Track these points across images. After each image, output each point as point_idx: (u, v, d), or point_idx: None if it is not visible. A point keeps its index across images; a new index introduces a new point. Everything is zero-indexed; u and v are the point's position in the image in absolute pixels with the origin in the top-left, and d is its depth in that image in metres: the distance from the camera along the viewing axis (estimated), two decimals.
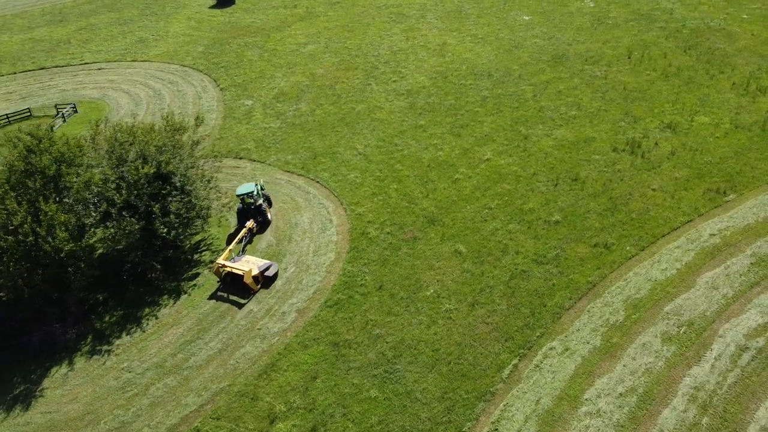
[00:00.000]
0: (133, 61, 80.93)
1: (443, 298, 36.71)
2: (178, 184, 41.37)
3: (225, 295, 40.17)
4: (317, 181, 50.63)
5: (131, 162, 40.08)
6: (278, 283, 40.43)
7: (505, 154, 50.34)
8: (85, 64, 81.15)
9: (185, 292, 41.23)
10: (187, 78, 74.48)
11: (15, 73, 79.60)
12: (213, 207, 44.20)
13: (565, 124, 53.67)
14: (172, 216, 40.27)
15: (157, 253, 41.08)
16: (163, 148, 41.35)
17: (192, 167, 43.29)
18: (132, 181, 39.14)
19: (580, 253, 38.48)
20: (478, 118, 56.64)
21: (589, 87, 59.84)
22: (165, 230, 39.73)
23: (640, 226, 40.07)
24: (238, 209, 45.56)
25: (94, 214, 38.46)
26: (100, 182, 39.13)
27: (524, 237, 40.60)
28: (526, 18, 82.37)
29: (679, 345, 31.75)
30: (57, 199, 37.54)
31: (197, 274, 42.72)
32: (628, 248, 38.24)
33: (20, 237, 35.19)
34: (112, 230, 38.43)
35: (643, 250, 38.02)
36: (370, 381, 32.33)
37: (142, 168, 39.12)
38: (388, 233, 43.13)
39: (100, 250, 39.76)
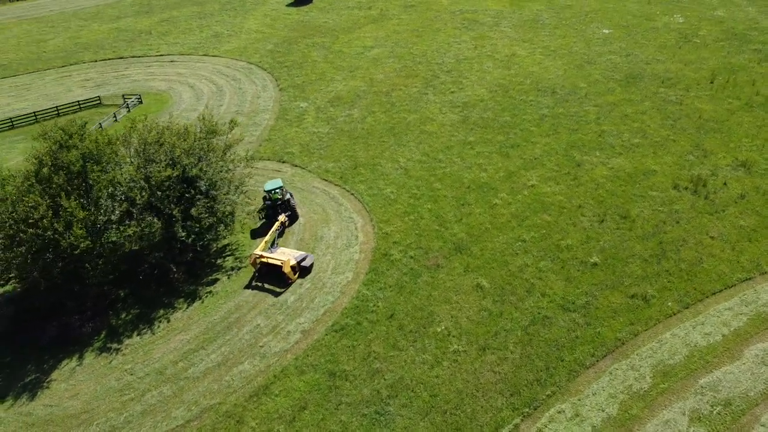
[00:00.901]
0: (204, 55, 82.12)
1: (453, 336, 33.74)
2: (203, 188, 40.57)
3: (260, 284, 40.00)
4: (352, 193, 48.65)
5: (157, 163, 39.61)
6: (290, 299, 38.81)
7: (553, 181, 46.31)
8: (160, 55, 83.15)
9: (200, 298, 40.41)
10: (250, 75, 74.55)
11: (96, 61, 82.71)
12: (238, 213, 43.17)
13: (624, 152, 48.83)
14: (192, 221, 39.50)
15: (177, 255, 40.47)
16: (191, 152, 40.60)
17: (221, 171, 42.40)
18: (155, 182, 38.65)
19: (614, 303, 34.31)
20: (532, 139, 52.69)
21: (660, 112, 54.34)
22: (184, 234, 38.99)
23: (688, 278, 35.29)
24: (265, 205, 45.19)
25: (116, 212, 38.20)
26: (125, 181, 38.89)
27: (555, 277, 36.81)
28: (606, 31, 76.72)
29: (710, 427, 27.31)
30: (79, 195, 37.54)
31: (216, 280, 41.84)
32: (669, 304, 33.69)
33: (39, 231, 35.37)
34: (132, 229, 38.04)
35: (687, 307, 33.36)
36: (358, 420, 29.99)
37: (165, 171, 38.51)
38: (411, 257, 40.50)
39: (124, 248, 39.54)
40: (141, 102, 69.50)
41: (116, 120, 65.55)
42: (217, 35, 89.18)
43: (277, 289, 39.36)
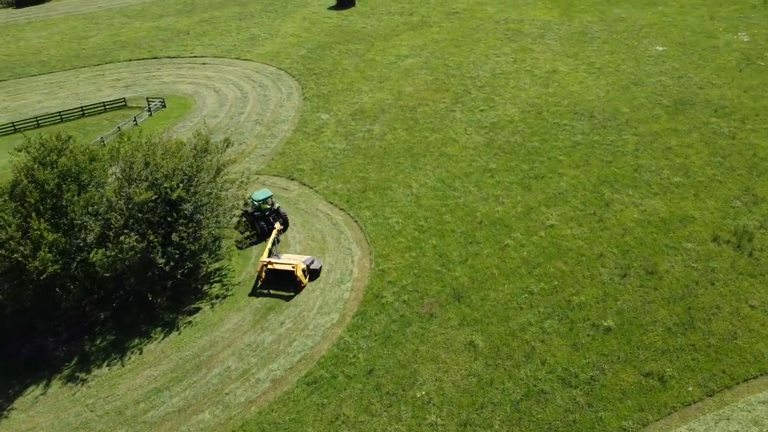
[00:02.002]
0: (236, 58, 79.95)
1: (434, 405, 29.42)
2: (188, 212, 37.58)
3: (266, 291, 38.87)
4: (356, 220, 44.80)
5: (139, 184, 36.82)
6: (267, 339, 35.36)
7: (575, 221, 41.09)
8: (194, 57, 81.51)
9: (178, 329, 37.53)
10: (277, 82, 71.72)
11: (130, 60, 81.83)
12: (227, 240, 40.04)
13: (661, 192, 43.01)
14: (173, 247, 36.59)
15: (156, 282, 37.67)
16: (176, 173, 37.61)
17: (209, 194, 39.33)
18: (134, 205, 35.88)
19: (624, 381, 29.18)
20: (559, 170, 47.41)
21: (708, 147, 48.01)
22: (163, 261, 36.09)
23: (716, 357, 29.75)
24: (252, 215, 43.65)
25: (91, 235, 35.63)
26: (103, 202, 36.29)
27: (560, 342, 31.89)
28: (660, 49, 69.91)
29: None
30: (53, 215, 35.15)
31: (198, 309, 38.88)
32: (690, 388, 28.32)
33: (5, 252, 33.15)
34: (103, 254, 35.36)
35: (711, 395, 27.93)
36: None
37: (144, 193, 35.65)
38: (404, 301, 36.32)
39: (98, 274, 36.96)
40: (164, 106, 67.72)
41: (136, 124, 63.86)
42: (253, 38, 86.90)
43: (286, 294, 38.31)
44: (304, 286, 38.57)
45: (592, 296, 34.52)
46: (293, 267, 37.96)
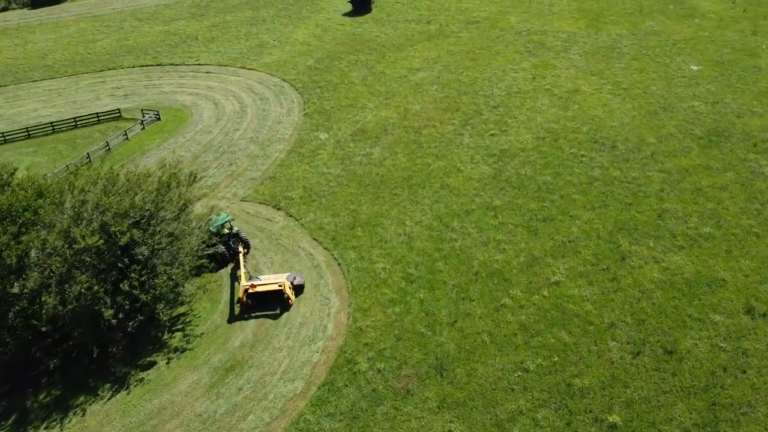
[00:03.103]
0: (241, 67, 75.64)
1: None
2: (142, 256, 33.11)
3: (247, 316, 36.37)
4: (339, 263, 39.84)
5: (86, 226, 32.44)
6: (220, 410, 30.69)
7: (585, 279, 35.41)
8: (198, 65, 77.48)
9: (128, 387, 33.14)
10: (280, 95, 67.12)
11: (133, 67, 78.21)
12: (187, 288, 35.48)
13: (687, 246, 37.01)
14: (121, 297, 32.19)
15: (104, 335, 33.36)
16: (129, 213, 33.13)
17: (171, 235, 34.80)
18: (78, 250, 31.53)
19: None
20: (571, 211, 41.67)
21: (745, 190, 41.71)
22: (110, 313, 31.70)
23: None
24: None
25: (28, 283, 31.36)
26: (43, 246, 32.00)
27: None
28: (694, 68, 63.20)
29: None
30: None
31: (154, 364, 34.43)
32: None
33: None
34: (48, 303, 31.17)
35: None
36: None
37: (88, 237, 31.25)
38: (379, 371, 31.25)
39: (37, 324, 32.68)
40: (159, 118, 63.72)
41: (127, 138, 60.03)
42: (262, 45, 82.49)
43: (272, 312, 36.21)
44: (292, 303, 36.51)
45: (598, 379, 28.92)
46: (280, 285, 35.98)
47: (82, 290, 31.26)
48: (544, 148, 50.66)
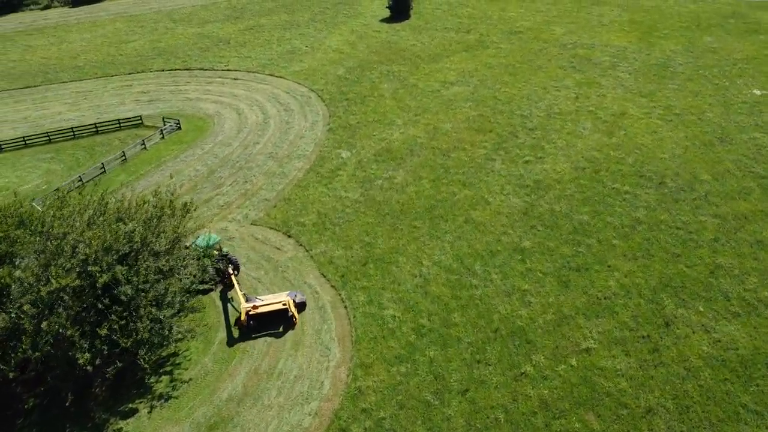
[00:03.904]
0: (269, 75, 72.53)
1: None
2: (124, 297, 29.91)
3: (254, 335, 34.43)
4: (345, 305, 35.96)
5: (64, 262, 29.40)
6: None
7: (620, 347, 30.54)
8: (227, 70, 74.77)
9: None
10: (305, 107, 63.64)
11: (162, 71, 76.08)
12: (175, 330, 32.12)
13: (744, 313, 31.66)
14: (99, 341, 29.08)
15: (82, 378, 30.34)
16: (112, 249, 29.94)
17: (160, 272, 31.52)
18: (52, 290, 28.50)
19: None
20: (609, 260, 36.68)
21: None
22: (86, 359, 28.61)
23: None
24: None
25: None
26: (15, 283, 29.10)
27: None
28: (758, 93, 56.82)
29: None
30: None
31: (135, 412, 31.28)
32: None
33: None
34: (21, 347, 28.33)
35: None
36: None
37: (62, 278, 28.18)
38: None
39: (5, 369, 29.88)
40: (179, 128, 61.08)
41: (145, 148, 57.56)
42: (293, 51, 79.22)
43: (279, 331, 34.58)
44: (297, 321, 34.93)
45: None
46: (285, 304, 34.40)
47: (56, 333, 28.23)
48: (583, 180, 45.59)
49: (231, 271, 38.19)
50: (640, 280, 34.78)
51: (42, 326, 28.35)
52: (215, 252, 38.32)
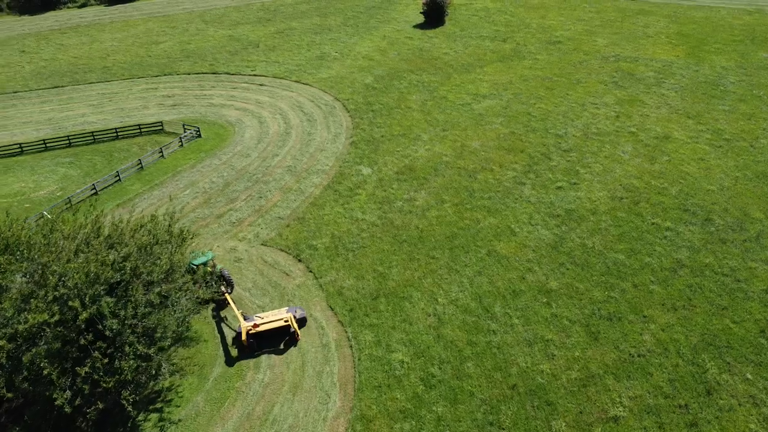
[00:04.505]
0: (296, 81, 70.12)
1: None
2: (109, 332, 27.59)
3: (258, 353, 33.09)
4: (351, 345, 33.04)
5: (45, 293, 27.21)
6: None
7: (653, 417, 26.78)
8: (253, 75, 72.66)
9: None
10: (329, 117, 60.95)
11: (188, 74, 74.46)
12: (164, 369, 29.69)
13: None
14: (80, 380, 26.83)
15: (61, 418, 28.18)
16: (101, 278, 27.61)
17: (152, 304, 29.13)
18: (30, 326, 26.34)
19: None
20: (646, 310, 32.81)
21: None
22: (63, 399, 26.39)
23: None
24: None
25: None
26: None
27: None
28: None
29: None
30: None
31: None
32: None
33: None
34: None
35: None
36: None
37: (37, 314, 25.96)
38: None
39: None
40: (199, 135, 59.10)
41: (162, 156, 55.74)
42: (322, 57, 76.66)
43: (280, 348, 33.34)
44: (299, 338, 33.66)
45: None
46: (287, 321, 33.23)
47: (34, 372, 26.09)
48: (620, 212, 41.62)
49: (224, 290, 36.41)
50: (679, 335, 30.86)
51: (23, 360, 26.26)
52: (209, 269, 36.35)
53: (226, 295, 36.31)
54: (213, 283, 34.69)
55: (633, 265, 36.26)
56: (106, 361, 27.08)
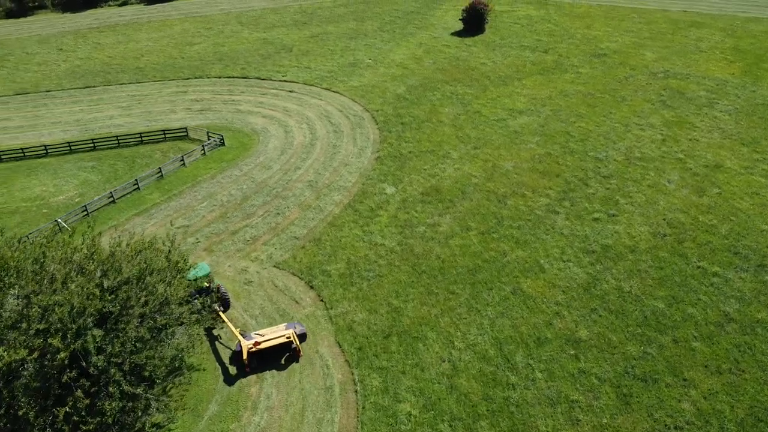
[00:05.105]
0: (326, 89, 67.82)
1: None
2: (94, 369, 25.60)
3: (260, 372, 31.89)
4: (356, 390, 30.36)
5: (27, 326, 25.35)
6: None
7: None
8: (284, 81, 70.71)
9: None
10: (356, 129, 58.41)
11: (219, 77, 73.03)
12: (153, 409, 27.58)
13: None
14: (59, 421, 24.90)
15: None
16: (88, 310, 25.62)
17: (142, 339, 27.04)
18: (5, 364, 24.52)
19: None
20: (686, 371, 29.06)
21: None
22: None
23: None
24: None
25: None
26: None
27: None
28: None
29: None
30: None
31: None
32: None
33: None
34: None
35: None
36: None
37: (11, 352, 24.08)
38: None
39: None
40: (223, 144, 57.34)
41: (184, 164, 54.18)
42: (355, 64, 74.18)
43: (282, 363, 32.29)
44: (301, 354, 32.64)
45: None
46: (289, 337, 32.18)
47: (8, 412, 24.29)
48: (662, 252, 37.75)
49: (217, 308, 34.68)
50: (724, 405, 27.11)
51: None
52: (205, 284, 35.40)
53: (221, 314, 34.83)
54: (209, 307, 32.99)
55: (674, 316, 32.48)
56: (87, 401, 25.07)
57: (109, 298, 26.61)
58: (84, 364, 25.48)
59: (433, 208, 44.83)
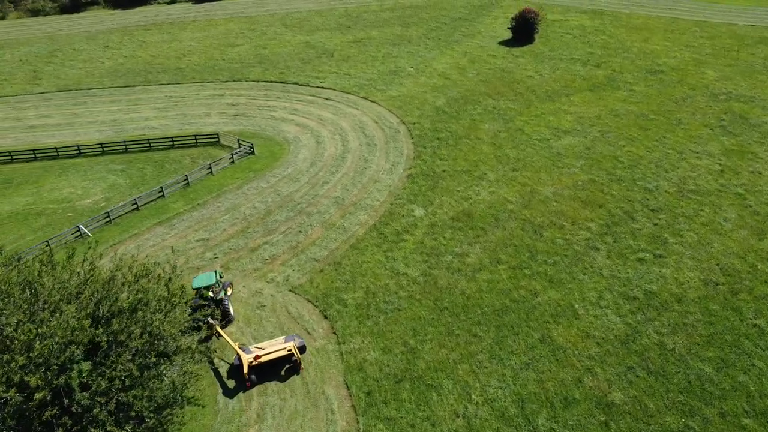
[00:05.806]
0: (363, 97, 65.53)
1: None
2: (77, 407, 23.94)
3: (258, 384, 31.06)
4: None
5: (9, 358, 23.87)
6: None
7: None
8: (321, 88, 68.81)
9: None
10: (389, 143, 55.86)
11: (257, 81, 71.77)
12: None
13: None
14: None
15: None
16: (75, 341, 23.95)
17: (128, 376, 25.22)
18: None
19: None
20: None
21: None
22: None
23: None
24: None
25: None
26: None
27: None
28: None
29: None
30: None
31: None
32: None
33: None
34: None
35: None
36: None
37: None
38: None
39: None
40: (252, 152, 55.79)
41: (211, 173, 52.85)
42: (396, 72, 71.60)
43: (282, 375, 31.74)
44: (302, 367, 32.11)
45: None
46: (289, 350, 31.61)
47: None
48: (713, 303, 33.74)
49: (213, 321, 33.62)
50: None
51: None
52: (210, 294, 34.54)
53: (217, 327, 33.69)
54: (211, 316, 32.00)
55: (723, 384, 28.64)
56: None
57: (100, 330, 24.88)
58: (66, 401, 23.79)
59: (463, 235, 41.84)
